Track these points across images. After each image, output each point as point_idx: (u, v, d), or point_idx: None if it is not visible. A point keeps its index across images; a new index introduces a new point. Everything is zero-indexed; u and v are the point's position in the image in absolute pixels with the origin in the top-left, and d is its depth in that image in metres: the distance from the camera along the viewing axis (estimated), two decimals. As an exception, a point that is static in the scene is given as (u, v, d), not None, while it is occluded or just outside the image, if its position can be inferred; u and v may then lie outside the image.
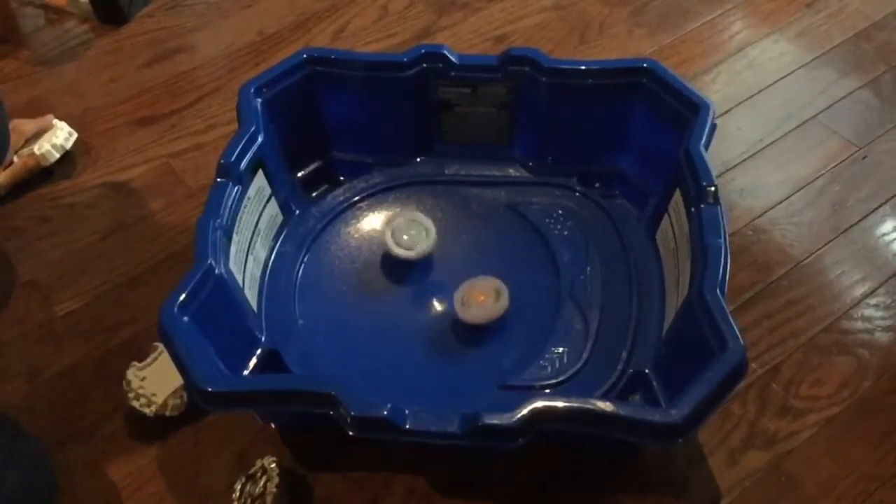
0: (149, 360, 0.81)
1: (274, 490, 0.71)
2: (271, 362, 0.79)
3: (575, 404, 0.63)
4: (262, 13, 1.27)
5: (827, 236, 0.94)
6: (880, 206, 0.97)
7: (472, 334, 0.83)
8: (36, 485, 0.72)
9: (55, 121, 1.06)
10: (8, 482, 0.68)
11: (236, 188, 0.80)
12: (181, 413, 0.79)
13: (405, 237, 0.87)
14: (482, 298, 0.82)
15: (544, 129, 0.93)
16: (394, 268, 0.89)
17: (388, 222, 0.90)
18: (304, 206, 0.94)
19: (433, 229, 0.88)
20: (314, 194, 0.96)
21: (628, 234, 0.90)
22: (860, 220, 0.95)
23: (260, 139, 0.84)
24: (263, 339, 0.81)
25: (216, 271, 0.73)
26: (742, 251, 0.92)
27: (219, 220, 0.76)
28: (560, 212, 0.92)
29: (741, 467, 0.76)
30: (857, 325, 0.86)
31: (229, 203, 0.78)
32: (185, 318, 0.69)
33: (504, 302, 0.82)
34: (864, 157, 1.02)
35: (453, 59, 0.89)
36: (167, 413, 0.79)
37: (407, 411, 0.64)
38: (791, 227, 0.95)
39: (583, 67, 0.88)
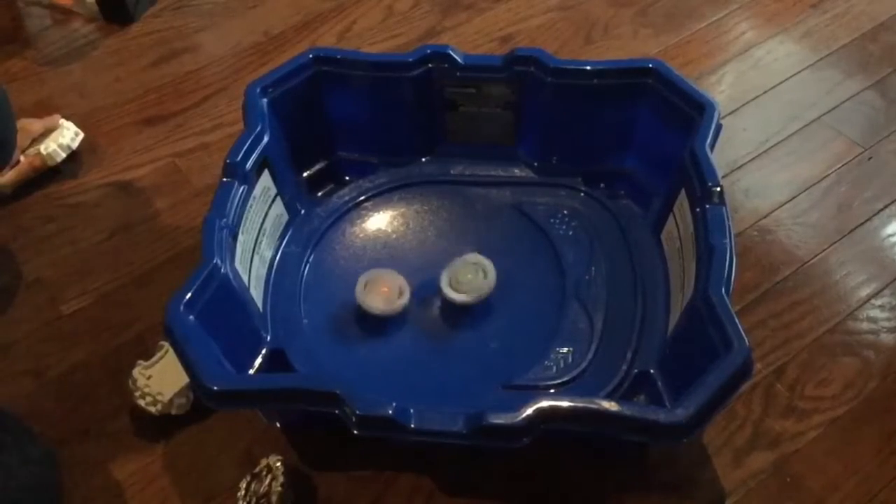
0: (154, 358, 0.82)
1: (279, 489, 0.71)
2: (276, 361, 0.79)
3: (580, 404, 0.63)
4: (267, 13, 1.27)
5: (832, 237, 0.94)
6: (886, 206, 0.97)
7: (476, 335, 0.83)
8: (41, 484, 0.72)
9: (62, 120, 1.06)
10: (13, 481, 0.68)
11: (242, 188, 0.80)
12: (186, 412, 0.80)
13: (461, 281, 0.84)
14: (385, 290, 0.83)
15: (549, 130, 0.93)
16: (399, 268, 0.88)
17: (445, 267, 0.85)
18: (309, 206, 0.94)
19: (492, 270, 0.84)
20: (319, 194, 0.96)
21: (633, 235, 0.90)
22: (866, 221, 0.95)
23: (265, 139, 0.84)
24: (269, 338, 0.81)
25: (222, 270, 0.73)
26: (747, 251, 0.92)
27: (224, 220, 0.77)
28: (565, 212, 0.92)
29: (746, 468, 0.76)
30: (862, 325, 0.86)
31: (235, 202, 0.79)
32: (191, 317, 0.69)
33: (405, 300, 0.82)
34: (869, 158, 1.02)
35: (458, 59, 0.90)
36: (172, 412, 0.79)
37: (412, 410, 0.64)
38: (796, 227, 0.95)
39: (588, 68, 0.88)
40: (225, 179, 0.80)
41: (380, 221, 0.94)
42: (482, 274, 0.84)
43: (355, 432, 0.64)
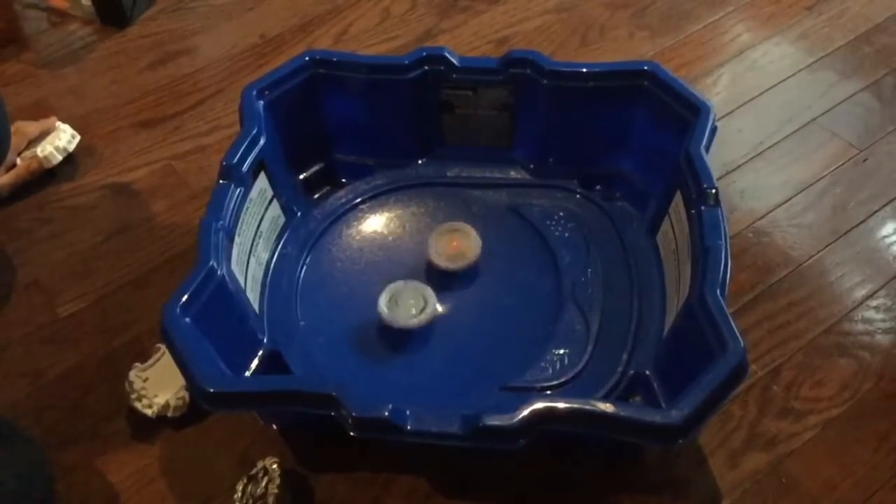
0: (151, 360, 0.82)
1: (275, 491, 0.71)
2: (273, 363, 0.79)
3: (575, 405, 0.63)
4: (264, 16, 1.28)
5: (827, 238, 0.94)
6: (881, 208, 0.97)
7: (473, 336, 0.83)
8: (32, 488, 0.72)
9: (58, 123, 1.06)
10: (3, 485, 0.68)
11: (238, 190, 0.80)
12: (183, 414, 0.80)
13: (403, 306, 0.83)
14: (455, 244, 0.86)
15: (545, 132, 0.94)
16: (395, 269, 0.89)
17: (387, 291, 0.84)
18: (305, 208, 0.94)
19: (433, 299, 0.83)
20: (316, 196, 0.96)
21: (629, 236, 0.90)
22: (861, 223, 0.96)
23: (262, 141, 0.84)
24: (265, 340, 0.81)
25: (218, 273, 0.73)
26: (743, 253, 0.92)
27: (221, 222, 0.77)
28: (561, 213, 0.93)
29: (742, 469, 0.76)
30: (857, 327, 0.86)
31: (231, 205, 0.79)
32: (188, 319, 0.69)
33: (476, 249, 0.86)
34: (864, 160, 1.02)
35: (454, 61, 0.90)
36: (169, 414, 0.79)
37: (408, 412, 0.64)
38: (792, 229, 0.95)
39: (584, 70, 0.88)
40: (221, 182, 0.80)
41: (376, 223, 0.94)
42: (423, 301, 0.83)
43: (352, 434, 0.65)
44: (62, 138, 1.05)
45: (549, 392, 0.78)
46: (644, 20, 1.22)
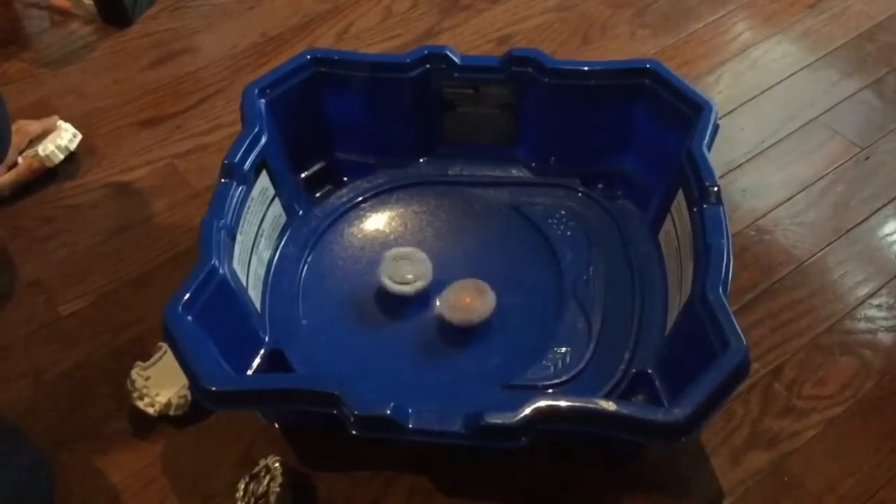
0: (153, 359, 0.82)
1: (277, 489, 0.71)
2: (275, 362, 0.80)
3: (577, 404, 0.63)
4: (265, 14, 1.28)
5: (829, 237, 0.94)
6: (883, 206, 0.97)
7: (474, 334, 0.83)
8: (32, 488, 0.71)
9: (60, 122, 1.06)
10: (3, 485, 0.68)
11: (240, 189, 0.80)
12: (185, 412, 0.80)
13: (401, 273, 0.85)
14: (468, 300, 0.82)
15: (547, 130, 0.94)
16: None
17: (386, 258, 0.86)
18: (307, 207, 0.94)
19: (429, 264, 0.85)
20: (317, 195, 0.96)
21: (631, 235, 0.90)
22: (863, 221, 0.95)
23: (263, 140, 0.84)
24: (267, 338, 0.81)
25: (220, 271, 0.73)
26: (744, 251, 0.92)
27: (223, 221, 0.77)
28: (563, 212, 0.93)
29: (744, 467, 0.76)
30: (859, 325, 0.86)
31: (233, 203, 0.79)
32: (189, 318, 0.69)
33: (490, 301, 0.82)
34: (866, 158, 1.02)
35: (456, 59, 0.90)
36: (171, 412, 0.79)
37: (410, 411, 0.64)
38: (794, 227, 0.95)
39: (585, 68, 0.88)
40: (223, 180, 0.80)
41: (378, 222, 0.94)
42: (420, 267, 0.85)
43: (354, 433, 0.65)
44: (64, 137, 1.05)
45: (550, 390, 0.78)
46: (645, 19, 1.22)
